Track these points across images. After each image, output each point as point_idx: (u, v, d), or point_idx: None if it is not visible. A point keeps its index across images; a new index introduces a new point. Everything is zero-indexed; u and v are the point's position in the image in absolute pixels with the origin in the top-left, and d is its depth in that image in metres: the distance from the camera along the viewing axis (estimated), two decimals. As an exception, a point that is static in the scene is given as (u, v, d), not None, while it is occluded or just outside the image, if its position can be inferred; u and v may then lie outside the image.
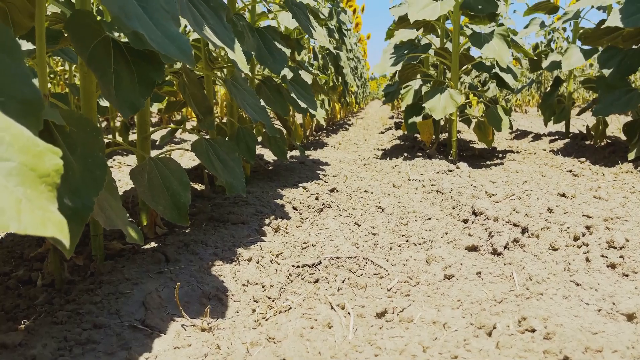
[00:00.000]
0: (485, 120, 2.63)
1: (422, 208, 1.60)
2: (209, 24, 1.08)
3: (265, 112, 1.52)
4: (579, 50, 3.27)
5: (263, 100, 1.98)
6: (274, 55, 1.88)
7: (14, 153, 0.43)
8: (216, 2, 1.13)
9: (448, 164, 2.48)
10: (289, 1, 2.08)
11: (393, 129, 5.33)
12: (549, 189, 1.86)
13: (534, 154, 3.03)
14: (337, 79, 5.24)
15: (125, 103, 0.88)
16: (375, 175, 2.28)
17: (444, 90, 2.49)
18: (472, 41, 2.43)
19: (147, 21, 0.72)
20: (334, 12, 4.45)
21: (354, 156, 3.06)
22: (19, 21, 0.99)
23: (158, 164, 1.07)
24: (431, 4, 2.40)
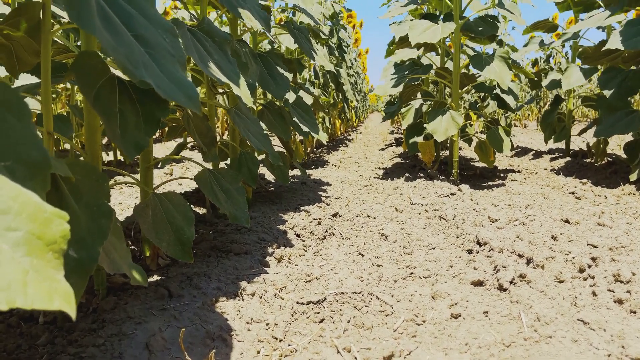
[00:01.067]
0: (486, 141, 2.63)
1: (425, 236, 1.59)
2: (214, 60, 1.08)
3: (268, 140, 1.51)
4: (579, 69, 3.29)
5: (265, 125, 1.98)
6: (277, 80, 1.89)
7: (21, 222, 0.43)
8: (220, 38, 1.13)
9: (450, 185, 2.47)
10: (290, 26, 2.09)
11: (394, 145, 5.34)
12: (552, 214, 1.86)
13: (535, 173, 3.03)
14: (338, 95, 5.26)
15: (130, 143, 0.88)
16: (377, 198, 2.27)
17: (445, 112, 2.49)
18: (473, 63, 2.44)
19: (154, 68, 0.72)
20: (334, 31, 4.48)
21: (355, 176, 3.06)
22: (24, 58, 0.99)
23: (162, 200, 1.07)
24: (432, 27, 2.42)
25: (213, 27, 1.13)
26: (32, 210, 0.43)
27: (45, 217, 0.44)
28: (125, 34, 0.71)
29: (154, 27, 0.78)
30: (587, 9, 3.58)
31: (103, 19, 0.68)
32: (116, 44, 0.67)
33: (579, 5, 3.57)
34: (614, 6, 2.74)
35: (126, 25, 0.72)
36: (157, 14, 0.80)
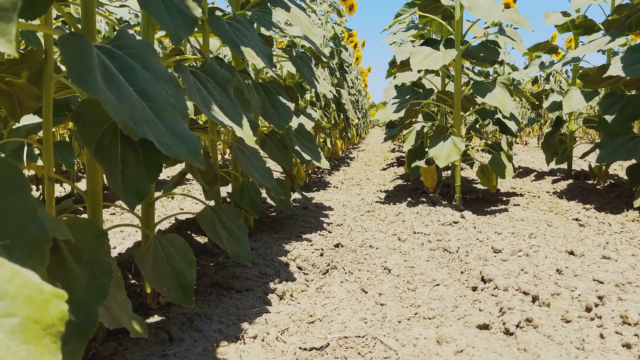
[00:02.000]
0: (488, 166, 2.62)
1: (429, 269, 1.57)
2: (216, 101, 1.08)
3: (270, 174, 1.51)
4: (580, 92, 3.29)
5: (268, 154, 1.98)
6: (279, 110, 1.89)
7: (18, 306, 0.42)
8: (223, 78, 1.13)
9: (453, 211, 2.46)
10: (292, 55, 2.10)
11: (395, 164, 5.33)
12: (557, 245, 1.84)
13: (538, 197, 3.01)
14: (339, 115, 5.27)
15: (131, 191, 0.87)
16: (379, 225, 2.26)
17: (447, 138, 2.49)
18: (475, 90, 2.44)
19: (156, 123, 0.71)
20: (335, 53, 4.51)
21: (357, 199, 3.04)
22: (26, 103, 0.99)
23: (163, 243, 1.06)
24: (433, 54, 2.43)
25: (215, 68, 1.13)
26: (29, 292, 0.42)
27: (43, 299, 0.43)
28: (128, 89, 0.71)
29: (157, 80, 0.77)
30: (587, 32, 3.60)
31: (105, 77, 0.68)
32: (118, 102, 0.66)
33: (579, 28, 3.59)
34: (614, 31, 2.74)
35: (129, 80, 0.72)
36: (160, 65, 0.80)
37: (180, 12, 0.92)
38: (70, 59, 0.62)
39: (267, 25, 1.71)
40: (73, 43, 0.64)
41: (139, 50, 0.78)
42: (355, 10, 5.63)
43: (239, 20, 1.40)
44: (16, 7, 0.42)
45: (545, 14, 3.74)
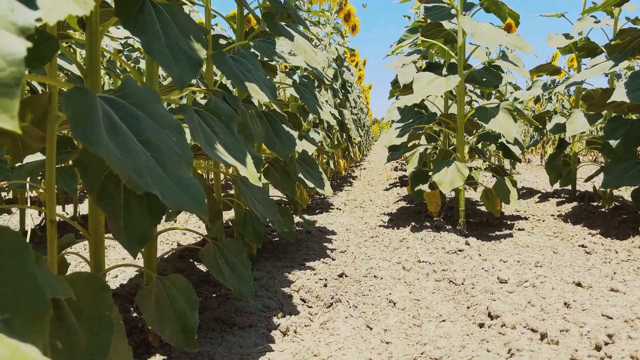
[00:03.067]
0: (493, 191, 2.61)
1: (434, 303, 1.55)
2: (220, 140, 1.08)
3: (274, 207, 1.50)
4: (583, 115, 3.29)
5: (271, 183, 1.97)
6: (282, 139, 1.88)
7: (17, 388, 0.40)
8: (227, 115, 1.13)
9: (457, 237, 2.44)
10: (296, 83, 2.10)
11: (398, 185, 5.32)
12: (563, 276, 1.82)
13: (543, 221, 2.99)
14: (342, 135, 5.28)
15: (134, 237, 0.86)
16: (383, 253, 2.24)
17: (450, 163, 2.48)
18: (478, 115, 2.44)
19: (159, 174, 0.71)
20: (338, 74, 4.53)
21: (361, 223, 3.03)
22: (29, 144, 0.99)
23: (165, 284, 1.04)
24: (437, 80, 2.43)
25: (219, 106, 1.13)
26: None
27: (42, 377, 0.42)
28: (132, 140, 0.70)
29: (161, 127, 0.77)
30: (590, 54, 3.61)
31: (109, 129, 0.67)
32: (122, 156, 0.65)
33: (581, 50, 3.60)
34: (617, 55, 2.75)
35: (133, 130, 0.71)
36: (164, 112, 0.79)
37: (186, 55, 0.92)
38: (74, 114, 0.62)
39: (271, 55, 1.72)
40: (77, 98, 0.64)
41: (143, 98, 0.77)
42: (358, 31, 5.66)
43: (242, 55, 1.40)
44: (19, 83, 0.41)
45: (547, 36, 3.75)
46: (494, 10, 2.64)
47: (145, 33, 0.85)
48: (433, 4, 2.70)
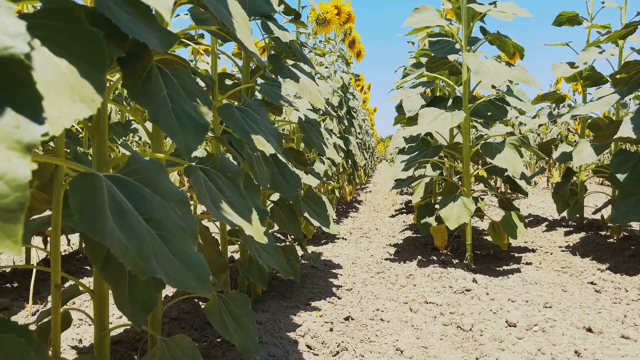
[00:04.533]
0: (500, 225, 2.59)
1: (442, 352, 1.52)
2: (226, 198, 1.07)
3: (280, 255, 1.49)
4: (589, 145, 3.27)
5: (277, 224, 1.96)
6: (288, 180, 1.88)
7: None
8: (233, 172, 1.12)
9: (465, 273, 2.41)
10: (302, 121, 2.11)
11: (404, 211, 5.30)
12: (573, 319, 1.79)
13: (551, 254, 2.96)
14: (347, 161, 5.28)
15: (138, 306, 0.85)
16: (390, 291, 2.21)
17: (456, 199, 2.47)
18: (484, 151, 2.43)
19: (165, 253, 0.70)
20: (343, 102, 4.55)
21: (367, 255, 3.00)
22: (36, 207, 0.99)
23: (170, 345, 1.03)
24: (442, 115, 2.43)
25: (225, 162, 1.13)
26: None
27: None
28: (137, 220, 0.70)
29: (167, 202, 0.76)
30: (595, 84, 3.61)
31: (115, 212, 0.67)
32: (127, 241, 0.65)
33: (586, 80, 3.60)
34: (622, 89, 2.75)
35: (138, 209, 0.71)
36: (170, 185, 0.79)
37: (192, 121, 0.92)
38: (80, 205, 0.61)
39: (277, 99, 1.72)
40: (82, 186, 0.63)
41: (150, 172, 0.77)
42: (363, 56, 5.70)
43: (248, 104, 1.41)
44: (23, 207, 0.41)
45: (552, 65, 3.76)
46: (498, 45, 2.65)
47: (152, 103, 0.85)
48: (437, 38, 2.72)
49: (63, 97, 0.51)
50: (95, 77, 0.57)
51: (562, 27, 3.89)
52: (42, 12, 0.58)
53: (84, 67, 0.56)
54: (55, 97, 0.50)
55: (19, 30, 0.44)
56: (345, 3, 4.02)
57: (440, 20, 2.45)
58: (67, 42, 0.57)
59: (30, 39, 0.54)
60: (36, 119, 0.45)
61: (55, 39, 0.56)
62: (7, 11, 0.45)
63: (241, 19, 1.10)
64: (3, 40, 0.43)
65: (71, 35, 0.58)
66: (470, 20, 2.58)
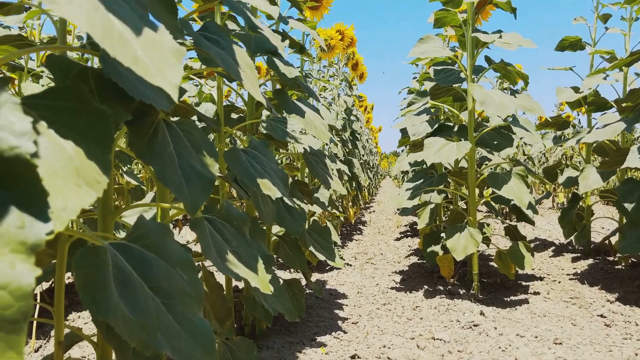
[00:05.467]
0: (507, 256, 2.56)
1: (451, 396, 1.49)
2: (232, 247, 1.06)
3: (285, 297, 1.47)
4: (596, 170, 3.25)
5: (282, 259, 1.94)
6: (293, 214, 1.87)
7: None
8: (239, 220, 1.11)
9: (472, 305, 2.38)
10: (307, 153, 2.10)
11: (409, 233, 5.26)
12: (584, 357, 1.75)
13: (559, 282, 2.92)
14: (351, 184, 5.27)
15: (142, 368, 0.83)
16: (396, 325, 2.18)
17: (463, 229, 2.45)
18: (490, 181, 2.42)
19: (170, 323, 0.69)
20: (347, 125, 4.56)
21: (372, 284, 2.97)
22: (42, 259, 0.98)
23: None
24: (447, 145, 2.42)
25: (231, 210, 1.12)
26: None
27: None
28: (142, 289, 0.68)
29: (173, 267, 0.75)
30: (600, 109, 3.60)
31: (119, 282, 0.66)
32: (132, 313, 0.64)
33: (591, 105, 3.60)
34: (627, 117, 2.74)
35: (144, 277, 0.70)
36: (176, 248, 0.78)
37: (199, 176, 0.91)
38: (84, 280, 0.60)
39: (282, 137, 1.72)
40: (88, 262, 0.62)
41: (156, 236, 0.76)
42: (366, 78, 5.72)
43: (255, 146, 1.40)
44: (27, 317, 0.40)
45: (556, 90, 3.76)
46: (503, 74, 2.66)
47: (158, 161, 0.84)
48: (442, 67, 2.72)
49: (69, 183, 0.50)
50: (101, 156, 0.56)
51: (565, 51, 3.90)
52: (49, 92, 0.57)
53: (90, 147, 0.55)
54: (61, 185, 0.49)
55: (24, 128, 0.43)
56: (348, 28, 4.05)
57: (445, 51, 2.45)
58: (73, 121, 0.56)
59: (37, 121, 0.53)
60: (41, 217, 0.44)
61: (62, 119, 0.56)
62: (12, 107, 0.44)
63: (247, 67, 1.10)
64: (9, 140, 0.42)
65: (78, 114, 0.57)
66: (474, 49, 2.58)
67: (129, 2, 0.64)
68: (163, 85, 0.55)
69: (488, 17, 2.80)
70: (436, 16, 2.65)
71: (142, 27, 0.61)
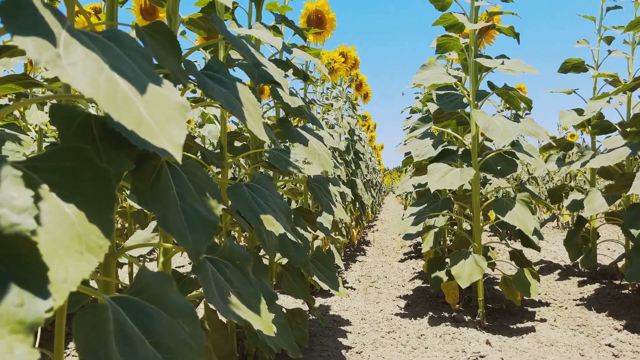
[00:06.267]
0: (512, 282, 2.53)
1: None
2: (234, 288, 1.05)
3: (288, 333, 1.45)
4: (601, 194, 3.23)
5: (285, 288, 1.93)
6: (296, 245, 1.86)
7: None
8: (242, 259, 1.10)
9: (478, 333, 2.35)
10: (310, 182, 2.10)
11: (412, 255, 5.23)
12: (594, 393, 1.72)
13: (565, 308, 2.88)
14: (355, 204, 5.25)
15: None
16: (401, 354, 2.15)
17: (467, 256, 2.42)
18: (494, 208, 2.40)
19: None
20: (350, 147, 4.56)
21: (376, 310, 2.94)
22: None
23: None
24: (451, 172, 2.41)
25: (234, 250, 1.11)
26: None
27: None
28: (143, 345, 0.67)
29: (174, 319, 0.74)
30: (603, 131, 3.60)
31: (120, 339, 0.64)
32: (133, 373, 0.62)
33: (595, 128, 3.59)
34: (632, 142, 2.73)
35: (145, 332, 0.68)
36: (177, 299, 0.77)
37: (202, 219, 0.90)
38: (84, 341, 0.59)
39: (285, 167, 1.72)
40: (88, 321, 0.61)
41: (157, 288, 0.75)
42: (370, 99, 5.73)
43: (258, 180, 1.39)
44: None
45: (559, 113, 3.77)
46: (506, 100, 2.66)
47: (161, 206, 0.84)
48: (445, 92, 2.73)
49: (70, 251, 0.49)
50: (103, 218, 0.55)
51: (568, 73, 3.90)
52: (53, 153, 0.57)
53: (92, 210, 0.55)
54: (62, 253, 0.48)
55: (25, 204, 0.42)
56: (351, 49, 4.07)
57: (448, 78, 2.46)
58: (76, 183, 0.56)
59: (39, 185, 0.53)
60: (41, 293, 0.43)
61: (64, 181, 0.55)
62: (13, 180, 0.43)
63: (251, 105, 1.10)
64: (9, 216, 0.41)
65: (80, 174, 0.57)
66: (477, 73, 2.59)
67: (134, 57, 0.64)
68: (167, 147, 0.54)
69: (492, 40, 2.81)
70: (438, 42, 2.66)
71: (147, 84, 0.61)
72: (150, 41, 0.89)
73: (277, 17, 2.04)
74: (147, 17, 2.43)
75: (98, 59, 0.56)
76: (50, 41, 0.52)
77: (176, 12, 1.18)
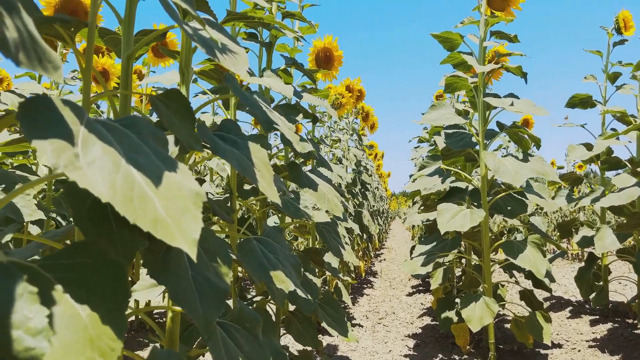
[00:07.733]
0: (524, 325, 2.48)
1: None
2: (244, 353, 1.03)
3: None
4: (612, 232, 3.19)
5: (294, 337, 1.90)
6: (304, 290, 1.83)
7: None
8: (252, 322, 1.09)
9: (489, 380, 2.29)
10: (319, 227, 2.08)
11: (421, 289, 5.17)
12: None
13: (578, 350, 2.82)
14: (362, 236, 5.22)
15: None
16: (411, 402, 2.10)
17: (478, 298, 2.38)
18: (505, 250, 2.37)
19: None
20: (357, 180, 4.56)
21: (385, 350, 2.89)
22: None
23: None
24: (461, 213, 2.39)
25: (244, 312, 1.09)
26: None
27: None
28: None
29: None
30: (613, 167, 3.58)
31: None
32: None
33: (604, 163, 3.58)
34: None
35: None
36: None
37: (213, 287, 0.88)
38: None
39: (295, 214, 1.71)
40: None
41: None
42: (377, 128, 5.75)
43: (268, 233, 1.39)
44: None
45: (568, 147, 3.76)
46: (515, 140, 2.65)
47: (172, 280, 0.83)
48: (454, 130, 2.73)
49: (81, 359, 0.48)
50: (117, 317, 0.54)
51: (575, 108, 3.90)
52: (68, 250, 0.56)
53: (106, 310, 0.54)
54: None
55: (41, 325, 0.42)
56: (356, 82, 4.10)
57: (457, 119, 2.46)
58: (90, 280, 0.55)
59: (53, 286, 0.52)
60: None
61: (78, 278, 0.54)
62: (28, 299, 0.43)
63: (263, 165, 1.09)
64: (24, 340, 0.41)
65: (95, 271, 0.56)
66: (485, 111, 2.59)
67: (150, 144, 0.64)
68: (182, 246, 0.53)
69: (499, 76, 2.82)
70: (447, 82, 2.68)
71: (162, 173, 0.60)
72: (164, 109, 0.90)
73: (287, 60, 2.07)
74: (158, 55, 2.47)
75: (115, 153, 0.56)
76: (69, 141, 0.52)
77: (189, 66, 1.19)
